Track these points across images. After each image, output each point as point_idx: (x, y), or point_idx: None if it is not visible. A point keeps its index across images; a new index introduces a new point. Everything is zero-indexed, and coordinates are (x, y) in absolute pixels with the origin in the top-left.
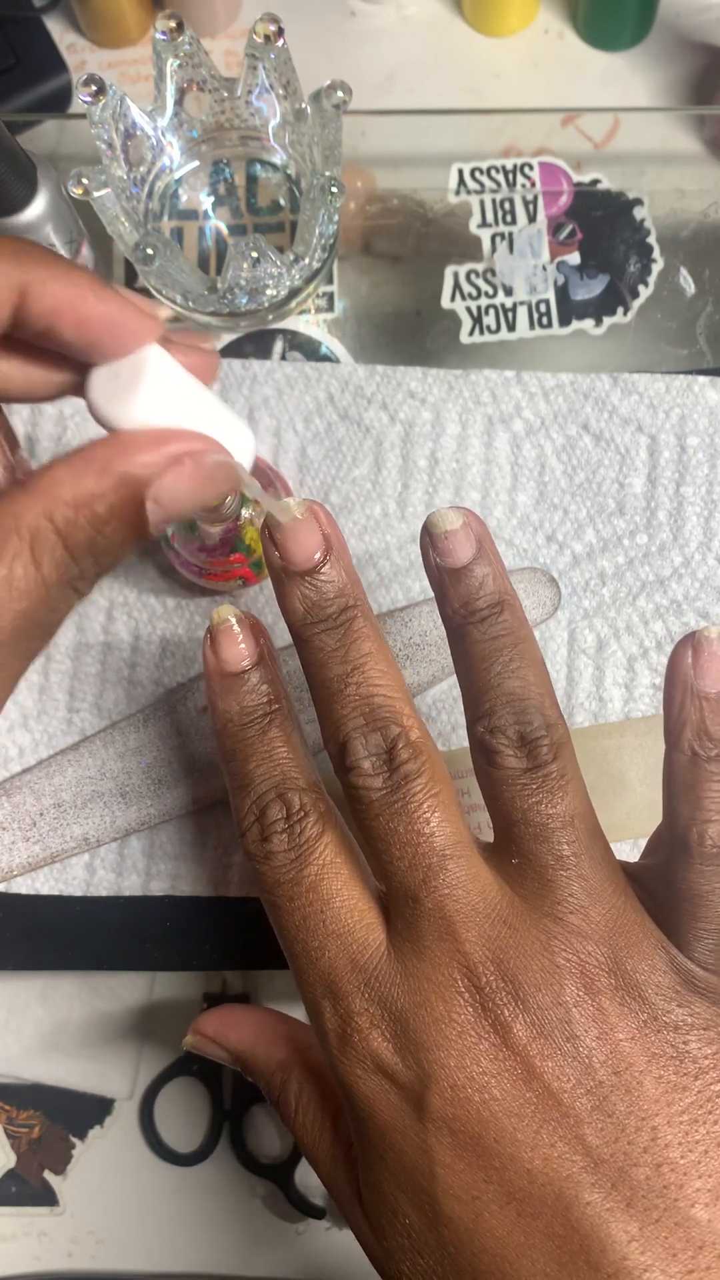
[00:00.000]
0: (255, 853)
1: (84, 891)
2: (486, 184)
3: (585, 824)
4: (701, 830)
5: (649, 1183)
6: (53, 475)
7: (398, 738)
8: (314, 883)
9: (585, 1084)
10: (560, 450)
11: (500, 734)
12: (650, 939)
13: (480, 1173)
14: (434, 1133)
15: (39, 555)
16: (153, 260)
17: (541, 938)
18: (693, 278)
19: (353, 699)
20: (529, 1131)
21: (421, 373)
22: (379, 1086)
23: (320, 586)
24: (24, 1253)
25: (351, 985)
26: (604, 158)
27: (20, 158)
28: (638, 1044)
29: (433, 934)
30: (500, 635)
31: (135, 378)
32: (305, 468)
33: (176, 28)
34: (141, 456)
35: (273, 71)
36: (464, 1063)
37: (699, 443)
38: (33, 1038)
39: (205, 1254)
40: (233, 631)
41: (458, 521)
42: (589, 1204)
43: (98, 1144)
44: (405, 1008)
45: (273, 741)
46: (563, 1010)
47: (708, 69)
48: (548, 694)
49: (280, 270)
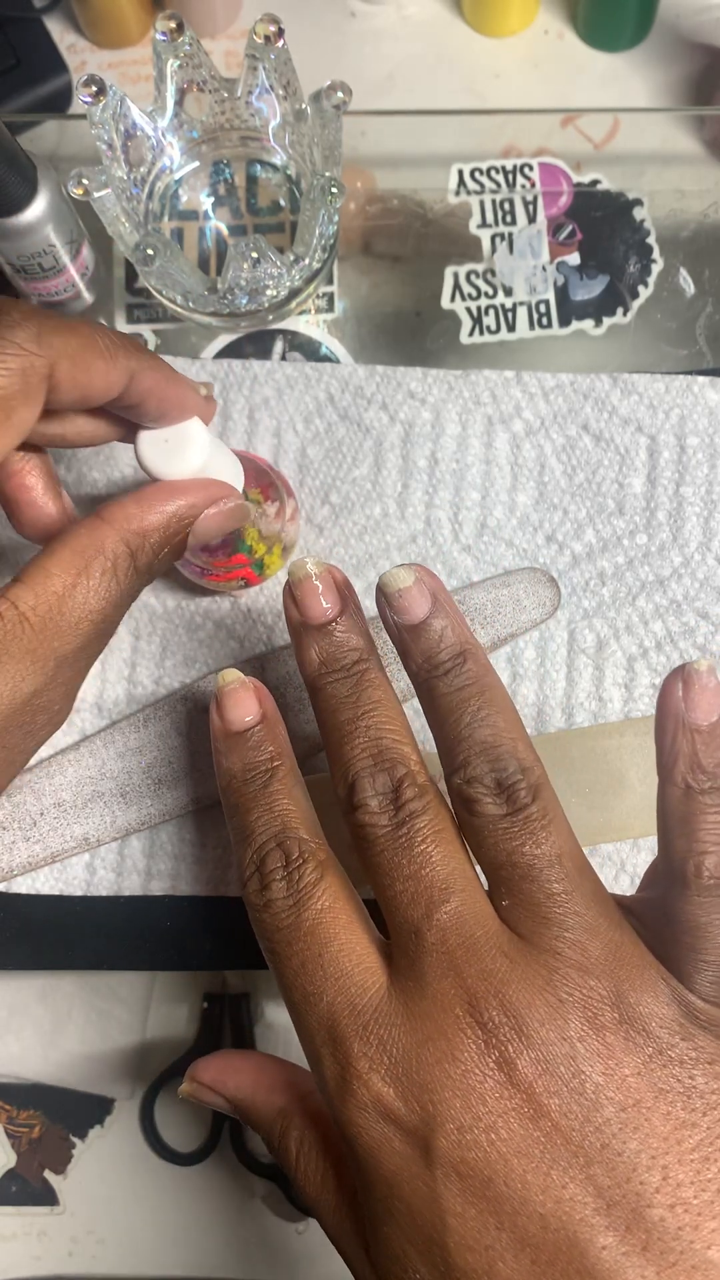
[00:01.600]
0: (255, 901)
1: (84, 891)
2: (486, 184)
3: (573, 861)
4: (699, 862)
5: (664, 1224)
6: (125, 510)
7: (404, 778)
8: (312, 927)
9: (593, 1121)
10: (560, 450)
11: (478, 783)
12: (651, 972)
13: (492, 1219)
14: (442, 1179)
15: (119, 572)
16: (153, 260)
17: (543, 972)
18: (692, 278)
19: (361, 742)
20: (540, 1173)
21: (421, 373)
22: (383, 1133)
23: (335, 640)
24: (24, 1253)
25: (350, 1029)
26: (604, 158)
27: (20, 158)
28: (644, 1079)
29: (435, 970)
30: (466, 685)
31: (183, 443)
32: (305, 468)
33: (176, 28)
34: (190, 499)
35: (273, 72)
36: (470, 1102)
37: (699, 443)
38: (33, 1038)
39: (205, 1253)
40: (237, 693)
41: (410, 579)
42: (604, 1248)
43: (98, 1144)
44: (407, 1048)
45: (274, 795)
46: (568, 1046)
47: (708, 69)
48: (520, 737)
49: (280, 271)
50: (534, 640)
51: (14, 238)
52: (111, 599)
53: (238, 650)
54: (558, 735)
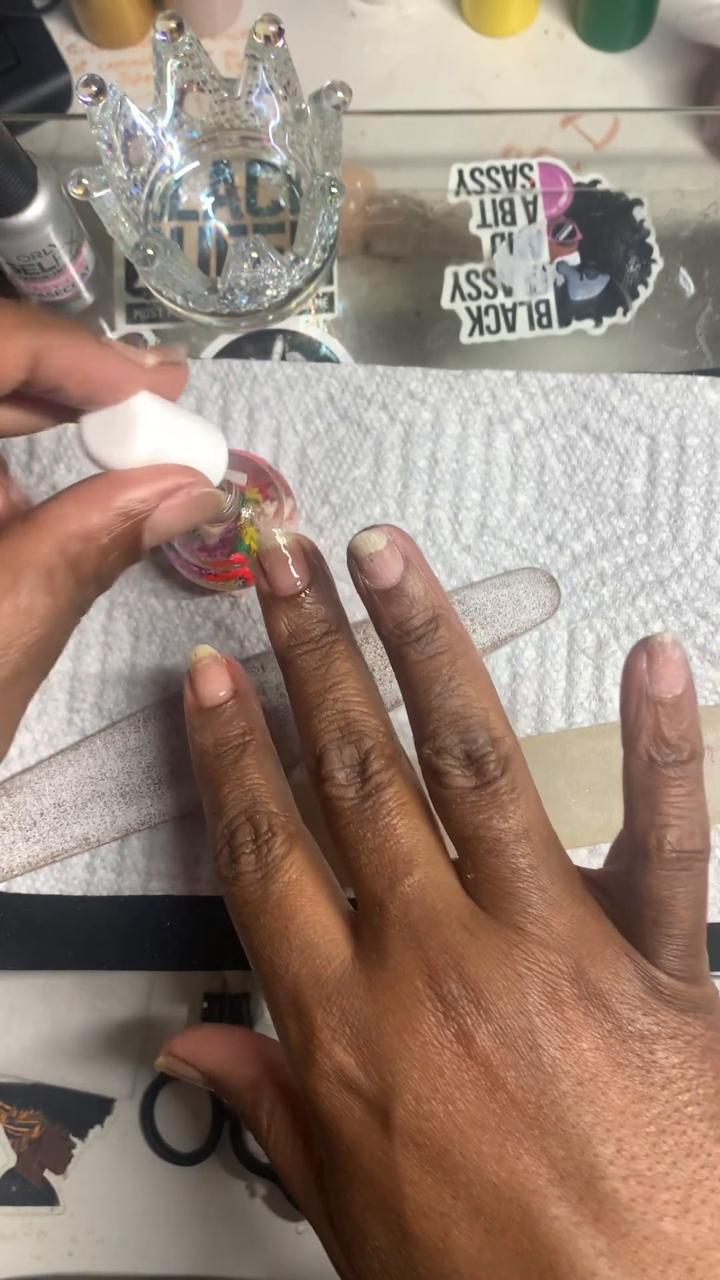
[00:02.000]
0: (225, 874)
1: (84, 891)
2: (486, 184)
3: (540, 835)
4: (660, 835)
5: (616, 1195)
6: (60, 511)
7: (371, 750)
8: (279, 900)
9: (549, 1094)
10: (560, 450)
11: (447, 754)
12: (613, 947)
13: (448, 1188)
14: (400, 1148)
15: (54, 586)
16: (153, 260)
17: (503, 946)
18: (692, 278)
19: (329, 714)
20: (494, 1143)
21: (421, 373)
22: (344, 1102)
23: (305, 611)
24: (24, 1253)
25: (314, 999)
26: (604, 158)
27: (20, 158)
28: (603, 1053)
29: (397, 942)
30: (439, 653)
31: (127, 425)
32: (305, 468)
33: (176, 28)
34: (139, 493)
35: (273, 72)
36: (428, 1073)
37: (699, 443)
38: (33, 1038)
39: (205, 1253)
40: (209, 669)
41: (382, 542)
42: (556, 1218)
43: (98, 1144)
44: (368, 1019)
45: (245, 769)
46: (525, 1019)
47: (708, 69)
48: (492, 707)
49: (280, 270)
50: (534, 640)
51: (14, 238)
52: (48, 618)
53: (238, 650)
54: (558, 735)
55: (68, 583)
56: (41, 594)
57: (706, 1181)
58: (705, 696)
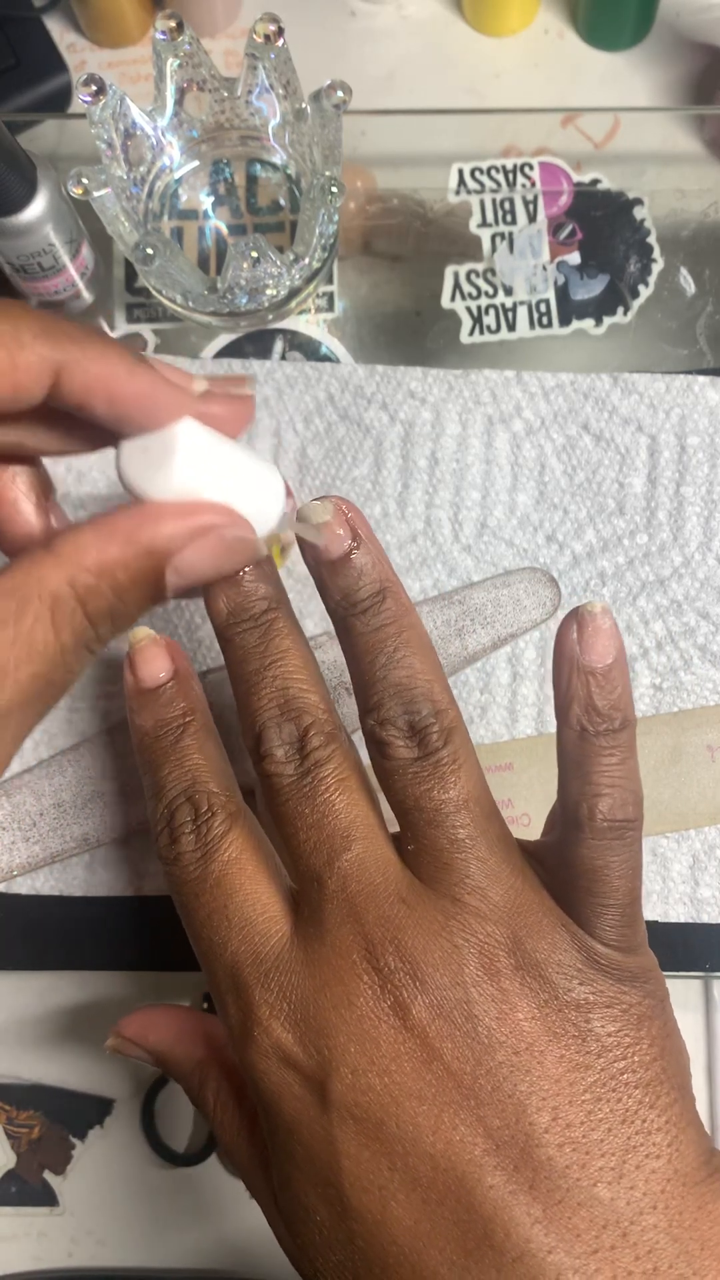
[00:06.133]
0: (165, 855)
1: (84, 891)
2: (486, 184)
3: (480, 806)
4: (592, 805)
5: (551, 1163)
6: (78, 540)
7: (310, 727)
8: (218, 879)
9: (485, 1064)
10: (560, 450)
11: (390, 725)
12: (550, 918)
13: (385, 1160)
14: (338, 1121)
15: (59, 620)
16: (153, 260)
17: (440, 918)
18: (693, 278)
19: (268, 692)
20: (430, 1115)
21: (421, 373)
22: (283, 1078)
23: (244, 589)
24: (24, 1253)
25: (253, 976)
26: (604, 158)
27: (20, 158)
28: (539, 1023)
29: (335, 916)
30: (384, 625)
31: (165, 453)
32: (305, 468)
33: (176, 28)
34: (166, 528)
35: (273, 71)
36: (364, 1047)
37: (699, 443)
38: (33, 1038)
39: (205, 1253)
40: (148, 650)
41: (328, 513)
42: (491, 1187)
43: (98, 1144)
44: (306, 994)
45: (185, 750)
46: (461, 990)
47: (708, 69)
48: (436, 679)
49: (280, 270)
50: (534, 640)
51: (14, 237)
52: (48, 655)
53: None
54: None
55: (75, 618)
56: (44, 627)
57: (641, 1147)
58: (705, 696)
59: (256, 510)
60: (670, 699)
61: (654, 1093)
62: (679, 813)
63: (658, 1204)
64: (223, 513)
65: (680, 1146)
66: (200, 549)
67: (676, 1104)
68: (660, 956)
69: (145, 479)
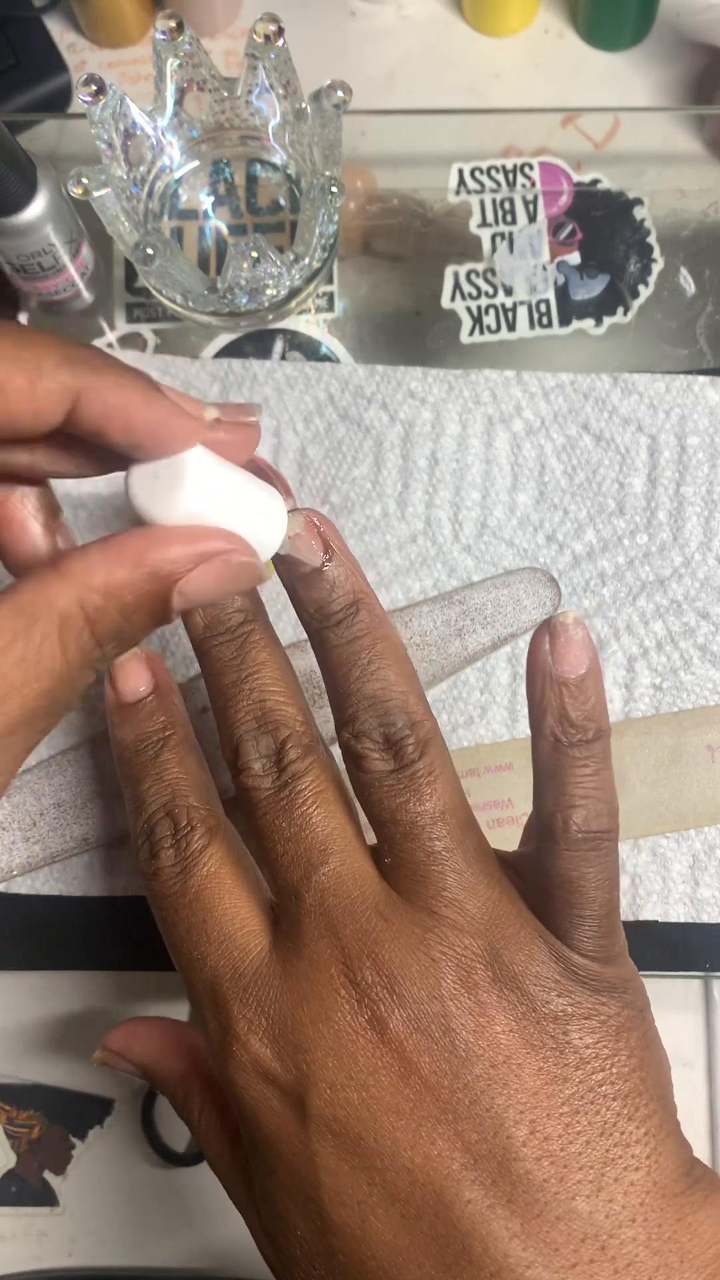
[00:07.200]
0: (145, 870)
1: (84, 891)
2: (486, 184)
3: (457, 818)
4: (567, 816)
5: (529, 1177)
6: (87, 562)
7: (287, 739)
8: (198, 893)
9: (463, 1078)
10: (560, 450)
11: (365, 738)
12: (528, 930)
13: (363, 1175)
14: (316, 1136)
15: (66, 639)
16: (153, 260)
17: (417, 931)
18: (693, 278)
19: (245, 704)
20: (408, 1129)
21: (421, 373)
22: (262, 1093)
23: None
24: (24, 1253)
25: (231, 992)
26: (604, 158)
27: (20, 158)
28: (517, 1036)
29: (313, 931)
30: (358, 637)
31: (175, 479)
32: (305, 468)
33: (176, 27)
34: (174, 552)
35: (273, 71)
36: (343, 1062)
37: (699, 443)
38: (33, 1038)
39: (205, 1253)
40: (128, 665)
41: (299, 526)
42: (469, 1202)
43: (98, 1144)
44: (284, 1009)
45: (165, 764)
46: (439, 1004)
47: (708, 69)
48: (411, 690)
49: (280, 270)
50: None
51: (14, 237)
52: (56, 673)
53: None
54: None
55: (82, 638)
56: (51, 646)
57: (620, 1160)
58: (705, 696)
59: (260, 535)
60: (670, 699)
61: (632, 1104)
62: (679, 813)
63: (636, 1216)
64: (229, 538)
65: (659, 1158)
66: (206, 573)
67: (656, 1115)
68: (660, 956)
69: (155, 504)
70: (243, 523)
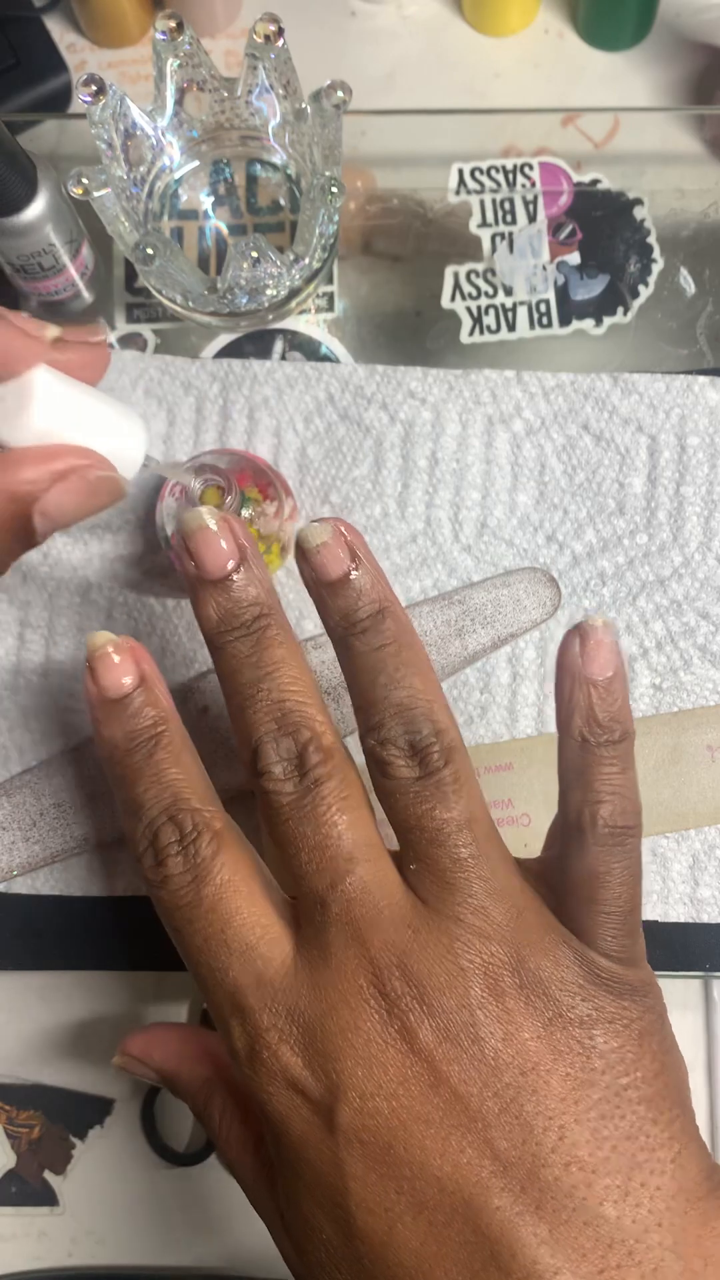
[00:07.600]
0: (152, 879)
1: (84, 891)
2: (486, 184)
3: (481, 826)
4: (594, 811)
5: (558, 1183)
6: None
7: (308, 742)
8: (214, 903)
9: (492, 1086)
10: (560, 450)
11: (391, 745)
12: (553, 935)
13: (392, 1183)
14: (345, 1145)
15: None
16: (153, 260)
17: (445, 940)
18: (693, 278)
19: (264, 704)
20: (438, 1138)
21: (421, 373)
22: (291, 1102)
23: (234, 594)
24: (24, 1253)
25: (257, 1001)
26: (604, 158)
27: (20, 158)
28: (544, 1042)
29: (339, 940)
30: (384, 645)
31: (22, 400)
32: (305, 468)
33: (176, 28)
34: (26, 473)
35: (273, 71)
36: (372, 1071)
37: (699, 443)
38: (33, 1038)
39: (205, 1253)
40: (110, 657)
41: (327, 535)
42: (498, 1209)
43: (98, 1144)
44: (313, 1018)
45: (160, 764)
46: (468, 1013)
47: (708, 69)
48: (436, 699)
49: (280, 270)
50: (534, 640)
51: (14, 237)
52: None
53: None
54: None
55: None
56: None
57: (646, 1164)
58: (705, 696)
59: (118, 451)
60: (670, 699)
61: (657, 1108)
62: (679, 813)
63: (663, 1221)
64: (83, 454)
65: (683, 1162)
66: (64, 491)
67: (679, 1119)
68: (660, 956)
69: (4, 426)
70: (100, 441)
